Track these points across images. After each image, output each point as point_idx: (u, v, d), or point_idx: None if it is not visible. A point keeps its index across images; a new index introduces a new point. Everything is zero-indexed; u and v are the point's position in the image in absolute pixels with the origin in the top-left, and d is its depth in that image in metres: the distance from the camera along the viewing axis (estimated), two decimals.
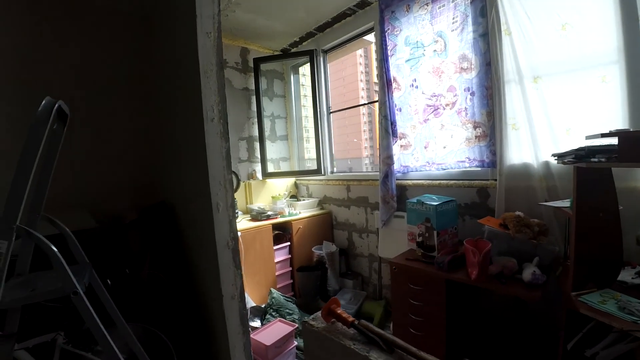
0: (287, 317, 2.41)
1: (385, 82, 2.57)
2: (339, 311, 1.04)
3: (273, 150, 3.53)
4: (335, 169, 3.29)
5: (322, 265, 2.81)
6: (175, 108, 2.08)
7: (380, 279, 2.78)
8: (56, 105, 1.05)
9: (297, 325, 2.21)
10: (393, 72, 2.60)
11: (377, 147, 2.49)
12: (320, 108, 3.22)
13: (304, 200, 3.31)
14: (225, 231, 1.71)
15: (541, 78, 1.92)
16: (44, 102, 1.02)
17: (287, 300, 2.56)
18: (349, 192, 3.02)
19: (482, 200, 2.21)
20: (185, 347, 1.92)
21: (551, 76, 1.89)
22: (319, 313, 1.13)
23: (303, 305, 2.68)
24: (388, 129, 2.53)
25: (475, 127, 2.22)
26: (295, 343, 2.17)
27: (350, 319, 1.01)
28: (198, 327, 2.17)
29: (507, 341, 2.01)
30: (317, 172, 3.20)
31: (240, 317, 1.81)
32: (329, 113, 3.29)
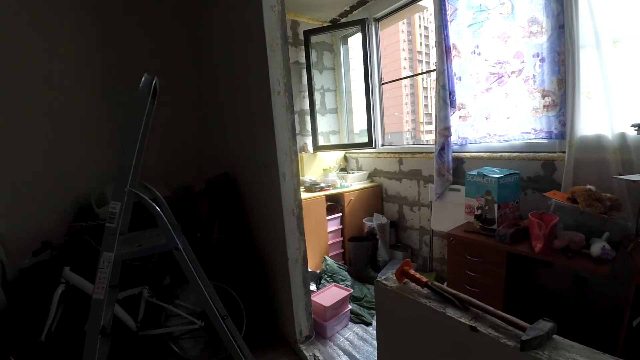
0: (341, 283, 2.53)
1: (444, 50, 2.47)
2: (412, 272, 1.09)
3: (323, 123, 3.58)
4: (385, 142, 3.28)
5: (373, 236, 2.88)
6: (240, 83, 2.17)
7: (431, 251, 2.80)
8: (154, 81, 1.16)
9: (351, 290, 2.32)
10: (453, 39, 2.49)
11: (420, 120, 2.47)
12: (371, 79, 3.18)
13: (353, 173, 3.35)
14: (291, 199, 1.82)
15: (621, 42, 1.75)
16: (143, 78, 1.13)
17: (340, 268, 2.68)
18: (401, 165, 3.01)
19: (547, 174, 2.11)
20: (250, 302, 2.10)
21: (634, 39, 1.72)
22: (389, 274, 1.19)
23: (354, 273, 2.79)
24: (446, 99, 2.46)
25: (543, 96, 2.10)
26: (350, 307, 2.29)
27: (424, 279, 1.06)
28: (262, 286, 2.36)
29: (565, 316, 1.98)
30: (368, 145, 3.20)
31: (303, 279, 1.95)
32: (380, 84, 3.25)
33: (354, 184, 3.14)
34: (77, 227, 2.05)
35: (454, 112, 2.51)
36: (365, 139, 3.32)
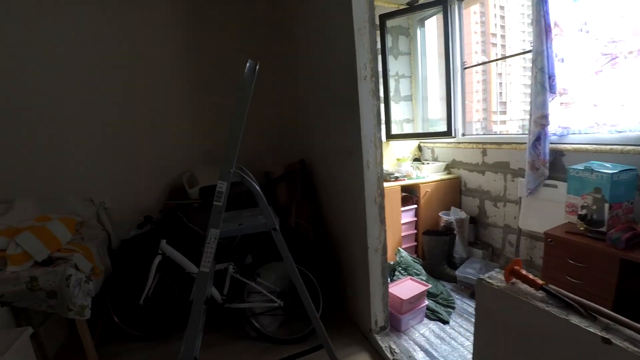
0: (415, 276, 2.45)
1: (544, 28, 2.20)
2: (524, 272, 1.00)
3: (396, 111, 3.46)
4: (466, 132, 3.07)
5: (451, 231, 2.73)
6: (323, 68, 2.17)
7: (517, 252, 2.58)
8: (257, 66, 1.19)
9: (429, 285, 2.23)
10: (554, 15, 2.20)
11: (491, 109, 2.29)
12: (453, 64, 2.98)
13: (427, 163, 3.20)
14: (374, 188, 1.78)
15: None
16: (248, 63, 1.17)
17: (415, 261, 2.60)
18: (485, 157, 2.79)
19: None
20: (325, 286, 2.13)
21: None
22: (493, 272, 1.10)
23: (428, 268, 2.68)
24: (545, 83, 2.19)
25: None
26: (426, 302, 2.21)
27: (540, 281, 0.96)
28: (336, 272, 2.38)
29: None
30: (446, 134, 3.02)
31: (382, 269, 1.91)
32: (462, 69, 3.02)
33: (430, 175, 3.00)
34: (171, 205, 2.25)
35: (553, 98, 2.24)
36: (441, 128, 3.14)
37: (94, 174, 2.50)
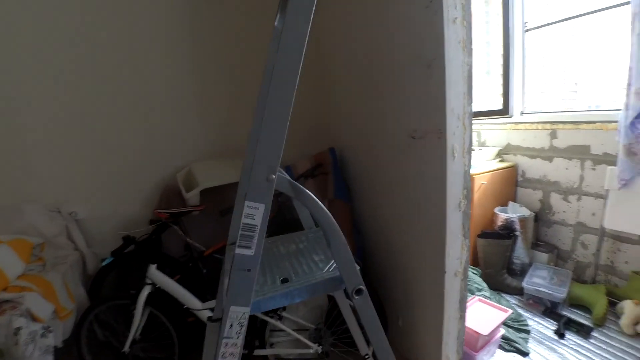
0: (477, 293, 1.95)
1: None
2: None
3: None
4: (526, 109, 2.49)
5: (512, 232, 2.21)
6: (371, 18, 1.58)
7: (598, 257, 2.08)
8: None
9: (510, 311, 1.71)
10: None
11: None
12: (511, 25, 2.40)
13: (473, 150, 2.65)
14: (459, 186, 1.22)
15: None
16: None
17: (474, 273, 2.08)
18: (554, 140, 2.24)
19: None
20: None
21: None
22: None
23: (486, 279, 2.17)
24: None
25: None
26: (502, 331, 1.70)
27: None
28: (395, 297, 1.84)
29: None
30: (501, 112, 2.47)
31: (460, 298, 1.37)
32: (524, 31, 2.44)
33: (481, 164, 2.45)
34: (163, 215, 1.68)
35: None
36: (493, 106, 2.60)
37: (61, 176, 1.89)
